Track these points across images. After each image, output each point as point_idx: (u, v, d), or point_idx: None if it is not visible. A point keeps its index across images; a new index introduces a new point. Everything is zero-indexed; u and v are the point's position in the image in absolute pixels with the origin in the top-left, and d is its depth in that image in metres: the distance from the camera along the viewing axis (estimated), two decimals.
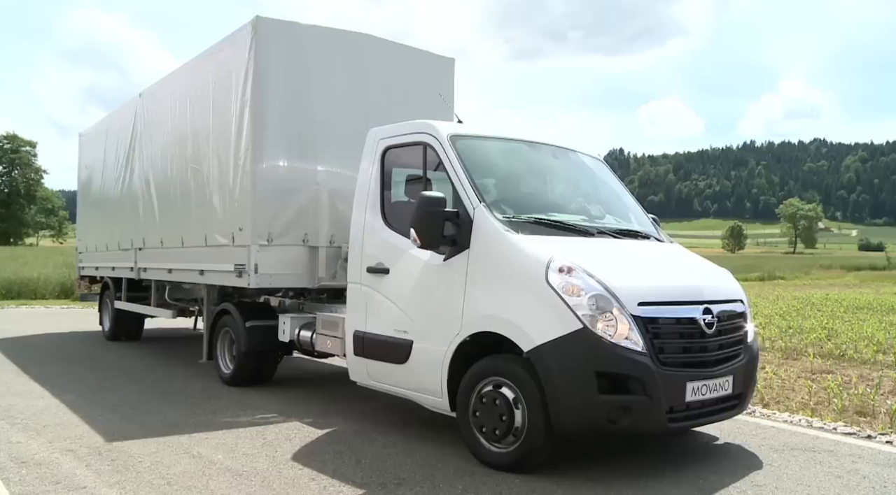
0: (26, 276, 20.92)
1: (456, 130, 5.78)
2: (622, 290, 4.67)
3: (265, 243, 7.29)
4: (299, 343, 7.32)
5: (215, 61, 8.27)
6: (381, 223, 5.91)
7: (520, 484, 4.65)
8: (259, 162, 7.29)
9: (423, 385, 5.43)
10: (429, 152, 5.67)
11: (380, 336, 5.75)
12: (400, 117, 8.07)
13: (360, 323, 5.97)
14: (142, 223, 10.26)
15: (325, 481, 4.67)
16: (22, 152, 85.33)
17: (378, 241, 5.89)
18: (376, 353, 5.79)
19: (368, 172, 6.14)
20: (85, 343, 11.38)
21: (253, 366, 7.69)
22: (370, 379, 5.97)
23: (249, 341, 7.53)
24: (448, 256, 5.24)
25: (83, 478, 4.66)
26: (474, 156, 5.61)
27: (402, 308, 5.58)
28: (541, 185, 6.33)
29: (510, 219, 5.16)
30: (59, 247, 60.30)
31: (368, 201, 6.05)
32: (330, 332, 6.76)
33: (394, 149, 6.05)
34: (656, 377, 4.55)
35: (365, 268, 5.92)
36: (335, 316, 6.79)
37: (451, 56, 8.69)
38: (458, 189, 5.33)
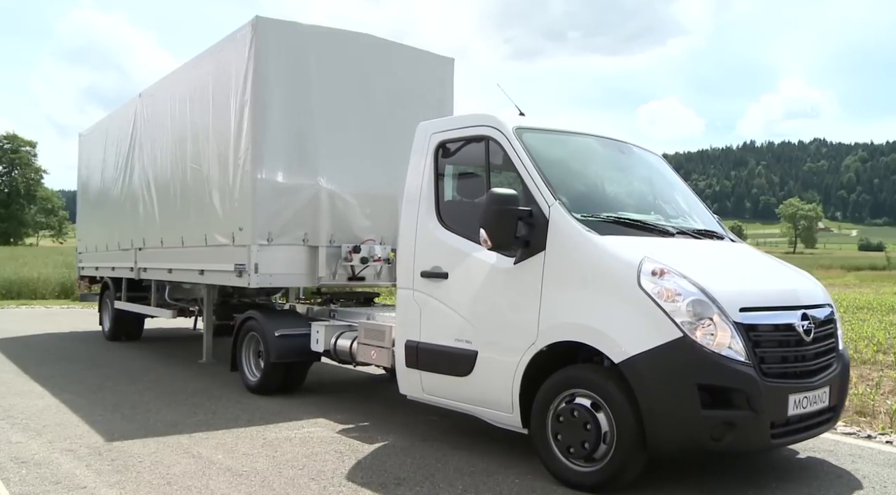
0: (26, 276, 20.94)
1: (521, 123, 5.34)
2: (722, 295, 4.29)
3: (265, 243, 7.29)
4: (336, 353, 6.92)
5: (215, 61, 8.27)
6: (437, 223, 5.46)
7: (520, 484, 4.65)
8: (259, 161, 7.29)
9: (489, 399, 4.98)
10: (491, 146, 5.23)
11: (438, 346, 5.30)
12: (400, 117, 8.11)
13: (414, 332, 5.51)
14: (142, 223, 10.26)
15: (325, 481, 4.67)
16: (22, 152, 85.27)
17: (433, 244, 5.44)
18: (433, 365, 5.35)
19: (420, 169, 5.69)
20: (85, 343, 11.38)
21: (282, 375, 7.33)
22: (425, 393, 5.50)
23: (279, 351, 7.13)
24: (519, 259, 4.81)
25: (83, 478, 4.66)
26: (542, 150, 5.16)
27: (464, 315, 5.14)
28: (611, 182, 5.86)
29: (588, 219, 4.75)
30: (59, 247, 60.26)
31: (421, 200, 5.58)
32: (375, 342, 6.28)
33: (449, 143, 5.59)
34: (761, 389, 4.16)
35: (418, 272, 5.48)
36: (380, 324, 6.37)
37: (451, 56, 8.70)
38: (529, 186, 4.88)
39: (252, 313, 7.65)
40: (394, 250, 7.97)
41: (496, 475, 4.83)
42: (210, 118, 8.29)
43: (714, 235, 5.52)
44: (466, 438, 5.73)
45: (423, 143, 5.75)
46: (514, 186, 5.02)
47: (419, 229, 5.56)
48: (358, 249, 7.64)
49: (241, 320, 7.78)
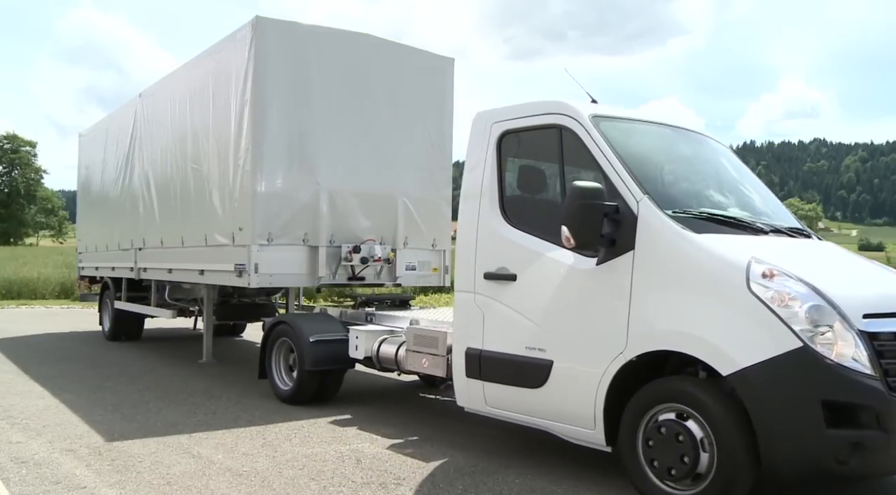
0: (26, 276, 20.93)
1: (596, 110, 4.88)
2: (843, 300, 3.87)
3: (265, 243, 7.29)
4: (378, 360, 6.50)
5: (215, 61, 8.27)
6: (502, 221, 5.02)
7: (520, 484, 4.65)
8: (259, 161, 7.29)
9: (566, 413, 4.57)
10: (565, 136, 4.77)
11: (505, 355, 4.86)
12: (400, 117, 8.12)
13: (475, 339, 5.07)
14: (142, 223, 10.26)
15: (325, 481, 4.67)
16: (22, 152, 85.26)
17: (499, 243, 5.01)
18: (499, 375, 4.91)
19: (481, 162, 5.23)
20: (85, 343, 11.38)
21: (317, 384, 6.87)
22: (488, 406, 5.06)
23: (315, 358, 6.67)
24: (603, 259, 4.38)
25: (83, 478, 4.66)
26: (621, 140, 4.72)
27: (536, 321, 4.72)
28: (691, 175, 5.39)
29: (679, 215, 4.33)
30: (59, 247, 60.26)
31: (482, 196, 5.15)
32: (427, 349, 5.83)
33: (513, 134, 5.14)
34: (892, 406, 3.72)
35: (481, 274, 5.04)
36: (433, 330, 5.91)
37: (451, 56, 8.70)
38: (612, 179, 4.44)
39: (284, 317, 7.28)
40: (394, 250, 7.99)
41: (496, 475, 4.83)
42: (210, 118, 8.29)
43: (802, 233, 5.03)
44: (466, 438, 5.73)
45: (482, 134, 5.27)
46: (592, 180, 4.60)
47: (481, 227, 5.13)
48: (358, 249, 7.64)
49: (272, 325, 7.30)
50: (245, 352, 10.90)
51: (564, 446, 5.18)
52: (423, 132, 8.31)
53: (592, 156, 4.60)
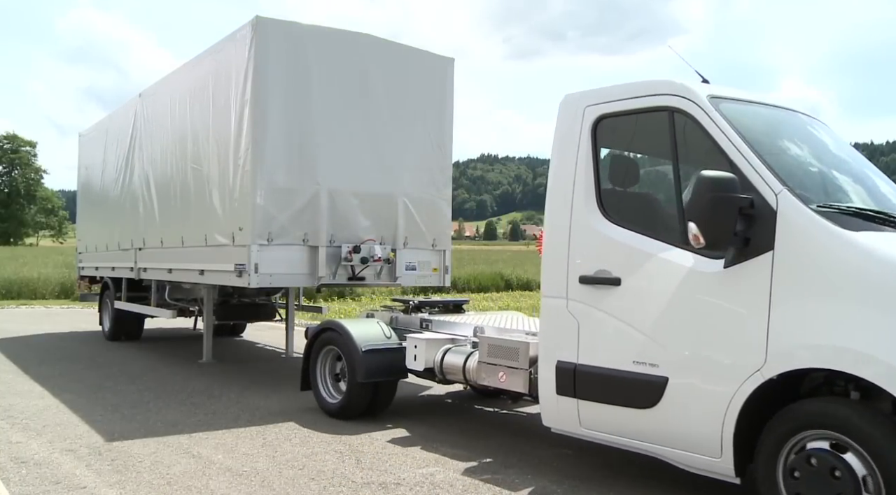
0: (26, 276, 20.93)
1: (713, 91, 4.31)
2: None
3: (265, 243, 7.29)
4: (442, 372, 5.95)
5: (215, 61, 8.27)
6: (600, 217, 4.47)
7: (520, 484, 4.65)
8: (259, 161, 7.29)
9: (684, 438, 3.98)
10: (678, 120, 4.19)
11: (607, 370, 4.32)
12: (400, 117, 8.12)
13: (568, 351, 4.52)
14: (142, 223, 10.26)
15: (325, 481, 4.67)
16: (22, 152, 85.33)
17: (597, 242, 4.46)
18: (599, 393, 4.37)
19: (570, 151, 4.67)
20: (85, 343, 11.37)
21: (368, 396, 6.31)
22: (583, 428, 4.50)
23: (368, 369, 6.10)
24: (733, 261, 3.79)
25: (83, 478, 4.66)
26: (746, 124, 4.15)
27: (646, 332, 4.15)
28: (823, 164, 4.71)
29: (825, 210, 3.73)
30: (59, 247, 60.30)
31: (576, 188, 4.59)
32: (505, 361, 5.25)
33: (612, 118, 4.57)
34: None
35: (575, 277, 4.49)
36: (512, 340, 5.34)
37: (451, 56, 8.71)
38: (742, 169, 3.85)
39: (331, 323, 6.61)
40: (394, 250, 7.99)
41: (496, 475, 4.83)
42: (210, 118, 8.30)
43: None
44: (466, 438, 5.73)
45: (573, 120, 4.70)
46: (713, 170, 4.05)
47: (574, 225, 4.57)
48: (358, 249, 7.65)
49: (317, 331, 6.71)
50: (245, 351, 10.90)
51: (564, 446, 5.18)
52: (423, 132, 8.31)
53: (715, 143, 4.01)
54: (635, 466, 5.01)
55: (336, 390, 6.54)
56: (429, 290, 20.65)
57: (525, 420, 6.55)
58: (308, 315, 13.52)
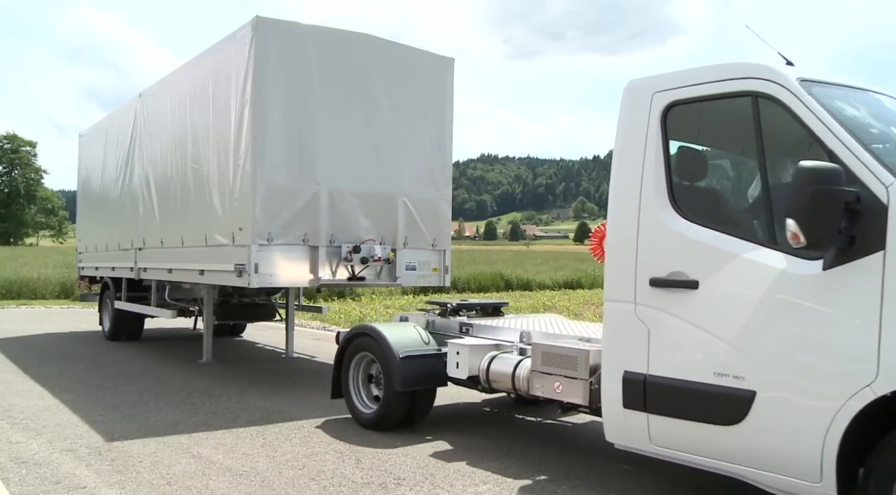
0: (26, 276, 20.93)
1: (803, 73, 3.89)
2: None
3: (265, 243, 7.29)
4: (488, 380, 5.55)
5: (215, 61, 8.28)
6: (672, 213, 4.08)
7: (520, 483, 4.65)
8: (259, 161, 7.29)
9: (776, 459, 3.60)
10: (763, 106, 3.81)
11: (683, 382, 3.94)
12: (400, 117, 8.12)
13: (637, 360, 4.15)
14: (142, 223, 10.27)
15: (325, 481, 4.67)
16: (22, 152, 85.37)
17: (670, 241, 4.08)
18: (673, 407, 3.99)
19: (639, 142, 4.28)
20: (85, 343, 11.38)
21: (406, 406, 5.93)
22: (654, 445, 4.11)
23: (406, 376, 5.72)
24: (834, 262, 3.43)
25: (83, 478, 4.66)
26: (844, 111, 3.81)
27: (729, 340, 3.77)
28: None
29: None
30: (59, 247, 60.33)
31: (644, 183, 4.21)
32: (561, 371, 4.86)
33: (685, 105, 4.18)
34: None
35: (645, 279, 4.12)
36: (569, 347, 4.90)
37: (451, 56, 8.71)
38: (844, 160, 3.48)
39: (365, 328, 6.22)
40: (394, 250, 7.99)
41: (496, 475, 4.83)
42: (210, 118, 8.30)
43: None
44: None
45: (639, 108, 4.32)
46: None
47: (643, 222, 4.19)
48: (358, 249, 7.65)
49: (350, 336, 6.32)
50: (245, 351, 10.90)
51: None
52: (423, 132, 8.31)
53: (811, 132, 3.63)
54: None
55: (370, 399, 6.17)
56: (429, 290, 20.67)
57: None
58: (308, 315, 13.54)
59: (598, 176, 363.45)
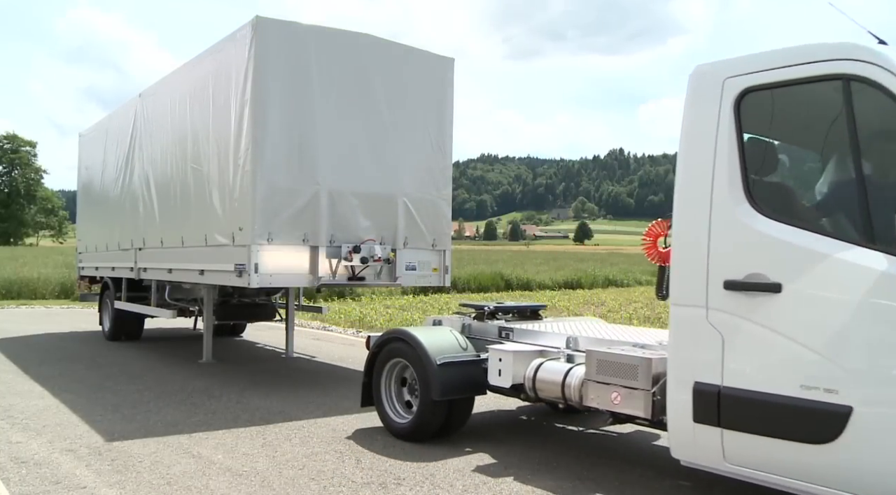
0: (26, 276, 20.93)
1: None
2: None
3: (265, 243, 7.29)
4: (535, 389, 5.15)
5: (215, 61, 8.28)
6: (749, 209, 3.74)
7: (520, 484, 4.65)
8: (259, 161, 7.29)
9: (878, 482, 3.29)
10: (857, 90, 3.48)
11: (764, 395, 3.60)
12: (400, 117, 8.12)
13: (710, 371, 3.80)
14: (142, 223, 10.27)
15: (325, 481, 4.67)
16: (22, 152, 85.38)
17: (748, 239, 3.74)
18: (753, 423, 3.65)
19: (710, 132, 3.93)
20: (85, 343, 11.38)
21: (443, 415, 5.56)
22: (728, 463, 3.77)
23: (445, 384, 5.38)
24: None
25: (83, 478, 4.66)
26: None
27: (818, 350, 3.46)
28: None
29: None
30: (59, 247, 60.35)
31: (717, 177, 3.87)
32: (620, 380, 4.46)
33: (762, 91, 3.82)
34: None
35: (719, 282, 3.79)
36: (631, 355, 4.47)
37: (451, 56, 8.71)
38: None
39: (398, 333, 5.85)
40: (394, 250, 7.99)
41: (496, 475, 4.83)
42: (210, 118, 8.30)
43: None
44: (466, 438, 5.72)
45: (709, 95, 3.98)
46: None
47: (716, 219, 3.85)
48: (358, 249, 7.65)
49: (381, 342, 5.98)
50: (245, 351, 10.90)
51: (563, 448, 5.16)
52: (423, 132, 8.32)
53: None
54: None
55: (403, 408, 5.85)
56: (429, 290, 20.69)
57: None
58: (308, 315, 13.55)
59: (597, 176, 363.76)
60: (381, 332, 6.27)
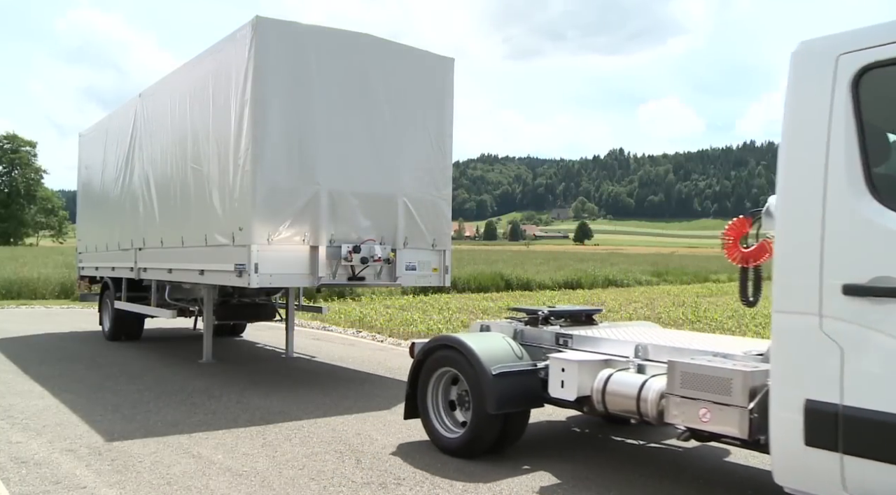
0: (26, 276, 20.93)
1: None
2: None
3: (265, 243, 7.30)
4: (604, 402, 4.67)
5: (215, 61, 8.28)
6: (874, 204, 3.30)
7: (520, 484, 4.65)
8: (259, 161, 7.29)
9: None
10: None
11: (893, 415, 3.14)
12: (400, 117, 8.12)
13: (825, 387, 3.35)
14: (142, 223, 10.27)
15: (325, 481, 4.67)
16: (22, 152, 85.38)
17: (873, 238, 3.28)
18: (882, 448, 3.19)
19: (822, 117, 3.47)
20: (85, 343, 11.38)
21: (498, 430, 5.11)
22: (848, 493, 3.32)
23: (501, 397, 4.93)
24: None
25: (83, 478, 4.66)
26: None
27: None
28: None
29: None
30: (59, 247, 60.34)
31: (831, 167, 3.41)
32: (710, 395, 3.97)
33: (887, 68, 3.31)
34: None
35: (836, 287, 3.34)
36: (723, 367, 3.97)
37: (451, 56, 8.71)
38: None
39: (448, 340, 5.38)
40: (394, 250, 7.99)
41: (496, 475, 4.83)
42: (210, 118, 8.30)
43: None
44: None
45: (819, 75, 3.51)
46: None
47: (831, 216, 3.39)
48: (358, 249, 7.65)
49: (428, 349, 5.50)
50: (245, 351, 10.90)
51: (564, 449, 5.15)
52: (423, 132, 8.32)
53: None
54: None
55: (452, 421, 5.41)
56: (429, 290, 20.69)
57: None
58: (308, 315, 13.55)
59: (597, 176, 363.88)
60: (426, 338, 5.84)
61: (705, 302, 20.04)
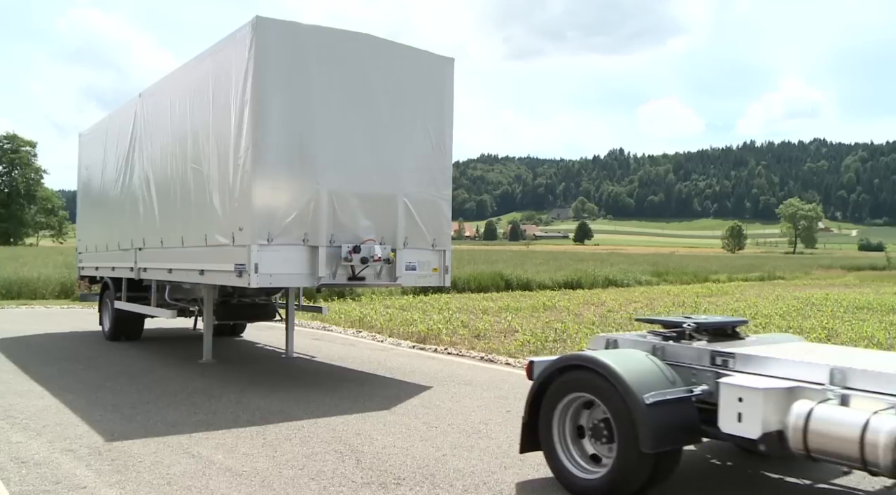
0: (26, 276, 20.92)
1: None
2: None
3: (265, 243, 7.30)
4: (806, 442, 3.68)
5: (215, 61, 8.28)
6: None
7: (520, 484, 4.65)
8: (259, 161, 7.29)
9: None
10: None
11: None
12: (400, 117, 8.12)
13: None
14: (142, 223, 10.27)
15: (325, 481, 4.67)
16: (22, 152, 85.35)
17: None
18: None
19: None
20: (85, 343, 11.38)
21: (650, 470, 4.14)
22: None
23: (658, 432, 4.03)
24: None
25: (83, 478, 4.66)
26: None
27: None
28: None
29: None
30: (59, 247, 60.32)
31: None
32: None
33: None
34: None
35: None
36: None
37: (451, 56, 8.71)
38: None
39: (583, 360, 4.42)
40: (394, 250, 7.99)
41: (496, 475, 4.83)
42: (210, 118, 8.30)
43: None
44: (466, 438, 5.72)
45: None
46: None
47: None
48: (358, 249, 7.65)
49: (555, 368, 4.54)
50: (245, 351, 10.90)
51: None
52: (423, 132, 8.32)
53: None
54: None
55: (584, 457, 4.50)
56: (429, 290, 20.68)
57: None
58: (308, 315, 13.54)
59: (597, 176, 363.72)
60: (547, 357, 4.79)
61: (705, 302, 20.05)
